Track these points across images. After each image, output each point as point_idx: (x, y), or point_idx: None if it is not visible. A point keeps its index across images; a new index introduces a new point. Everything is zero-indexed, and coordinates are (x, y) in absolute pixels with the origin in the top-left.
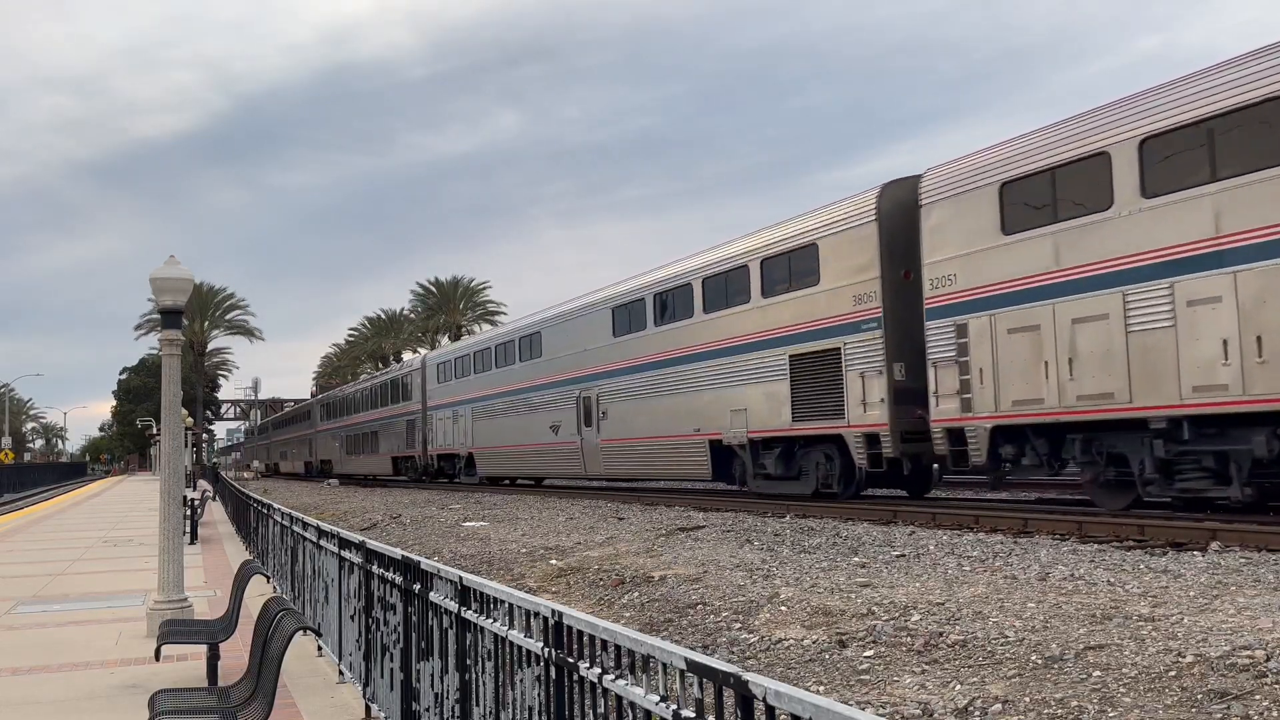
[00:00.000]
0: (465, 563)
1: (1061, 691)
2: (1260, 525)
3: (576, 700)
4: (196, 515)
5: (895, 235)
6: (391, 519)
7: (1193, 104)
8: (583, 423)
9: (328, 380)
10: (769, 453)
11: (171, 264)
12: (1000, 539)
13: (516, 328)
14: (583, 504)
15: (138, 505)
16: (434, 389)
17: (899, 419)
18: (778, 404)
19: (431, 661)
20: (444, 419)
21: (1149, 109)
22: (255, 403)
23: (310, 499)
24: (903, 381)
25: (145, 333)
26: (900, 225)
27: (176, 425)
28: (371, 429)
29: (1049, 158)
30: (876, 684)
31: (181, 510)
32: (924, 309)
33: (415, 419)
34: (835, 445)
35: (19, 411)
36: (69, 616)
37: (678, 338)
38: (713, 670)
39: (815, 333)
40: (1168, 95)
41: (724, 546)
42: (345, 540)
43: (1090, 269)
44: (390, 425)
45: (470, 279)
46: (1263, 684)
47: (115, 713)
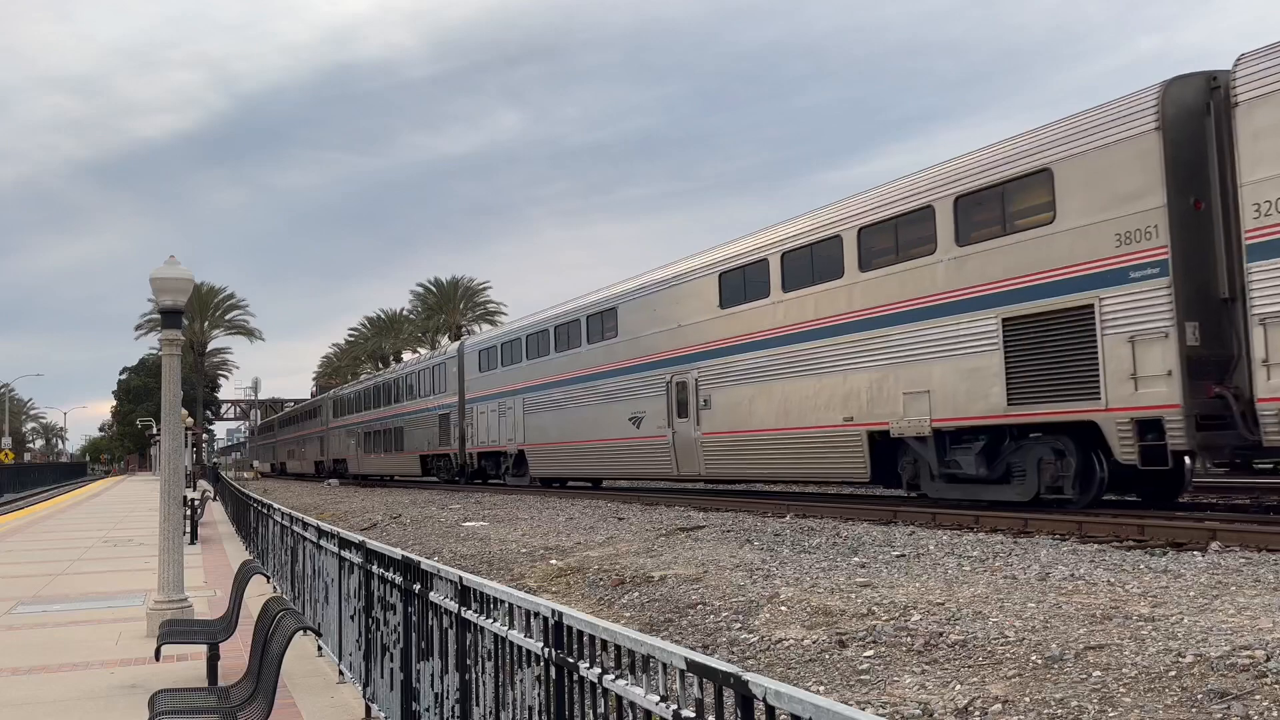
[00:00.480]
0: (465, 563)
1: (1061, 691)
2: (1260, 525)
3: (576, 700)
4: (196, 515)
5: (1181, 151)
6: (391, 519)
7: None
8: (675, 413)
9: (328, 380)
10: (963, 448)
11: (171, 264)
12: (1000, 539)
13: (582, 305)
14: (583, 504)
15: (138, 505)
16: (474, 379)
17: (1193, 398)
18: (983, 383)
19: (431, 661)
20: (487, 412)
21: None
22: (255, 403)
23: (310, 499)
24: (1197, 347)
25: (145, 333)
26: (1189, 138)
27: (176, 425)
28: (396, 424)
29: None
30: (876, 684)
31: (181, 510)
32: (1244, 245)
33: (450, 412)
34: (1073, 437)
35: (19, 411)
36: (69, 616)
37: (816, 306)
38: (713, 670)
39: (1049, 286)
40: None
41: (724, 546)
42: (345, 540)
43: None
44: (419, 420)
45: (470, 279)
46: (1263, 684)
47: (115, 713)
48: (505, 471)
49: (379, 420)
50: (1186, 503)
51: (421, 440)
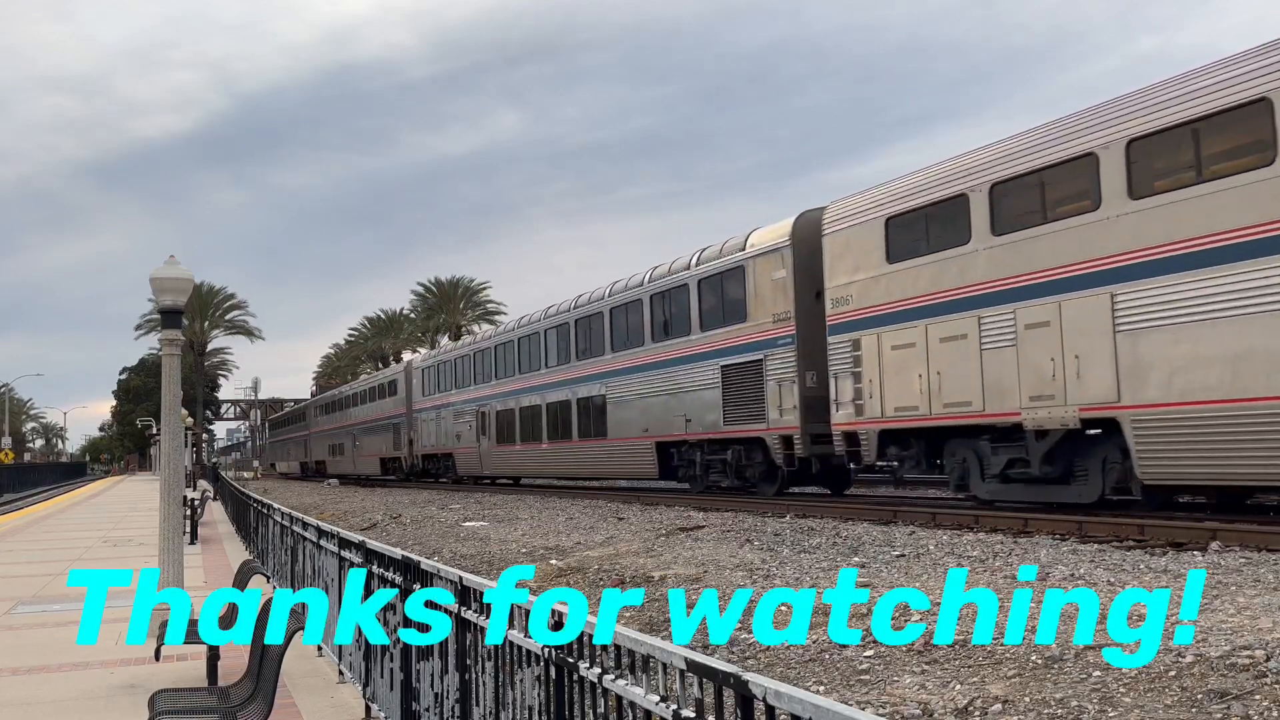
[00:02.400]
0: (465, 563)
1: (1061, 691)
2: (1260, 525)
3: (576, 700)
4: (197, 515)
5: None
6: (391, 519)
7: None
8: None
9: (328, 380)
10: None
11: (171, 264)
12: (1000, 539)
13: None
14: (583, 504)
15: (138, 505)
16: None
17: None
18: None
19: (431, 661)
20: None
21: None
22: (255, 403)
23: (310, 499)
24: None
25: (145, 333)
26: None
27: (176, 425)
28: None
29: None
30: (876, 684)
31: (181, 510)
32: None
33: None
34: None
35: (19, 411)
36: (69, 616)
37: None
38: (713, 670)
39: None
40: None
41: (724, 546)
42: (345, 540)
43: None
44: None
45: (470, 279)
46: (1263, 684)
47: (115, 713)
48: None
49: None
50: (1186, 503)
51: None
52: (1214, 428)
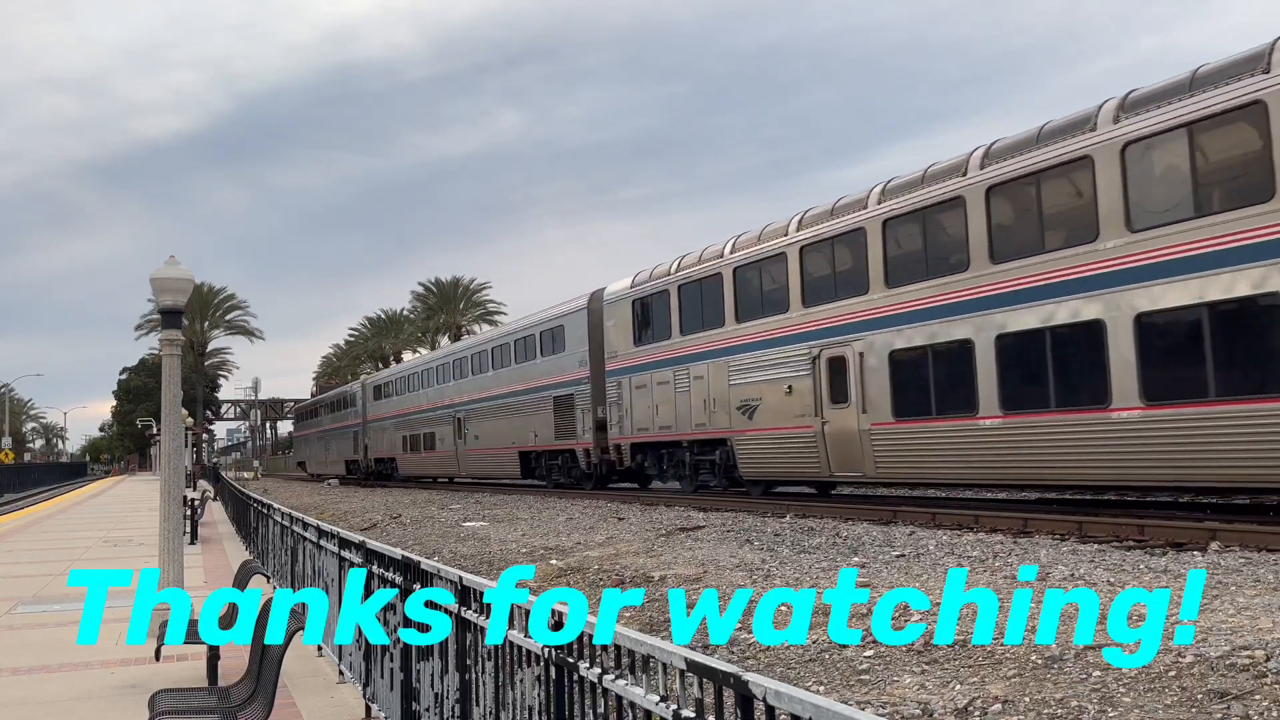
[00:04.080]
0: (465, 563)
1: (1061, 691)
2: (1260, 525)
3: (576, 700)
4: (197, 515)
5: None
6: (391, 519)
7: None
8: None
9: (328, 380)
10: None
11: (171, 264)
12: (1000, 539)
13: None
14: (583, 504)
15: (138, 505)
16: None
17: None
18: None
19: (431, 661)
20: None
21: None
22: (255, 403)
23: (310, 499)
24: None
25: (145, 333)
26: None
27: (176, 425)
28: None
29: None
30: (876, 684)
31: (182, 510)
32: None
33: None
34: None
35: (19, 411)
36: (69, 616)
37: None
38: (713, 670)
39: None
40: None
41: (724, 546)
42: (345, 540)
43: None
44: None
45: (470, 279)
46: (1263, 684)
47: (115, 713)
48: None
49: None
50: (1186, 503)
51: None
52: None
